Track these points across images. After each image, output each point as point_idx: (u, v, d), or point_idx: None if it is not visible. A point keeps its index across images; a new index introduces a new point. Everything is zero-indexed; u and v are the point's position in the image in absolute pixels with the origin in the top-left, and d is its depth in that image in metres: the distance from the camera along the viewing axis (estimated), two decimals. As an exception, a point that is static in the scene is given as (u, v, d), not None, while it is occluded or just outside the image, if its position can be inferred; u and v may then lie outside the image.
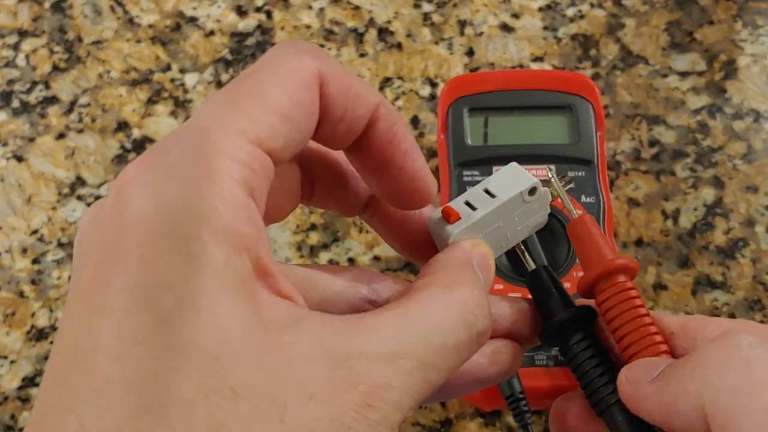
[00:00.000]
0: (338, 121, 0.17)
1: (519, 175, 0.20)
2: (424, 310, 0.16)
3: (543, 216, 0.20)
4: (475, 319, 0.17)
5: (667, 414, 0.17)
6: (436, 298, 0.17)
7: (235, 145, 0.15)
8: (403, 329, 0.16)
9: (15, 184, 0.40)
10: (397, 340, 0.15)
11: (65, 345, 0.14)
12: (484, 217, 0.19)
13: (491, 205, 0.19)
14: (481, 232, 0.19)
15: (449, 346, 0.16)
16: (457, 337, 0.16)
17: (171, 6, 0.46)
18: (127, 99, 0.42)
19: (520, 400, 0.29)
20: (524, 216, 0.20)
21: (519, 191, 0.19)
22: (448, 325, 0.16)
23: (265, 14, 0.45)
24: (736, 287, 0.35)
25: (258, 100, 0.16)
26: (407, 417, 0.33)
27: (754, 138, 0.39)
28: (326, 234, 0.38)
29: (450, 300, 0.17)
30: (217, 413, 0.13)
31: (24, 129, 0.42)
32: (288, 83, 0.16)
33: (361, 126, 0.17)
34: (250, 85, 0.16)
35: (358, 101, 0.17)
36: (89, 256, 0.15)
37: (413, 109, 0.41)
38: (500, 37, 0.43)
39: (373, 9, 0.45)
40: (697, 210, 0.37)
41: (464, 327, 0.17)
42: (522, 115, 0.36)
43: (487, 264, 0.19)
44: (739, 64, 0.42)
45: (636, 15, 0.44)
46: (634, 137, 0.40)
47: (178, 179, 0.15)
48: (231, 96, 0.16)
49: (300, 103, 0.16)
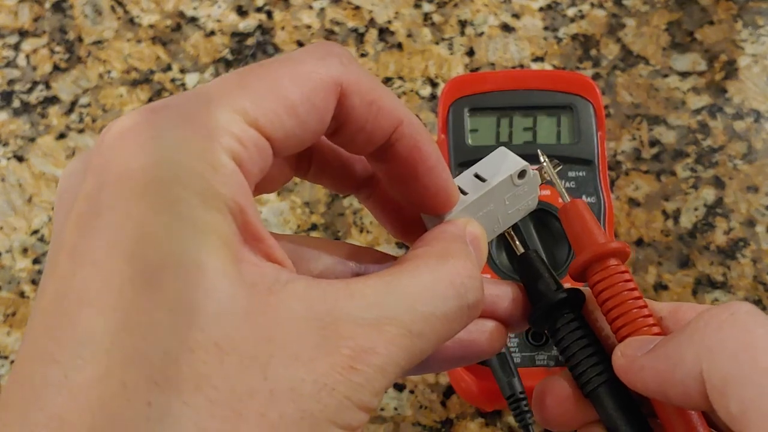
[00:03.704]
0: (358, 130, 0.17)
1: (508, 159, 0.20)
2: (414, 279, 0.16)
3: (533, 200, 0.20)
4: (465, 290, 0.17)
5: (664, 382, 0.17)
6: (426, 268, 0.17)
7: (230, 119, 0.15)
8: (392, 296, 0.16)
9: (16, 184, 0.40)
10: (385, 306, 0.15)
11: (49, 296, 0.14)
12: (475, 201, 0.19)
13: (482, 189, 0.19)
14: (473, 216, 0.19)
15: (438, 315, 0.16)
16: (447, 307, 0.16)
17: (171, 6, 0.46)
18: (128, 99, 0.42)
19: (520, 400, 0.29)
20: (515, 199, 0.20)
21: (509, 174, 0.19)
22: (438, 294, 0.16)
23: (265, 14, 0.45)
24: (736, 287, 0.35)
25: (269, 87, 0.16)
26: (407, 418, 0.33)
27: (755, 138, 0.39)
28: (327, 234, 0.38)
29: (441, 270, 0.17)
30: (201, 367, 0.13)
31: (25, 129, 0.42)
32: (304, 82, 0.16)
33: (381, 138, 0.17)
34: (267, 72, 0.16)
35: (381, 115, 0.17)
36: (72, 207, 0.15)
37: (414, 109, 0.41)
38: (501, 37, 0.43)
39: (373, 9, 0.45)
40: (698, 210, 0.37)
41: (455, 297, 0.17)
42: (522, 115, 0.36)
43: (479, 243, 0.19)
44: (739, 64, 0.42)
45: (636, 15, 0.44)
46: (634, 137, 0.40)
47: (169, 139, 0.15)
48: (245, 77, 0.16)
49: (311, 104, 0.16)
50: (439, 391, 0.33)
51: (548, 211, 0.33)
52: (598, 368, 0.19)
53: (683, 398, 0.17)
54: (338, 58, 0.17)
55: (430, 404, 0.33)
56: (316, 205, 0.38)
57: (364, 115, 0.17)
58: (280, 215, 0.38)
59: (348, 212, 0.38)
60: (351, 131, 0.17)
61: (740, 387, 0.16)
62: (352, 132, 0.17)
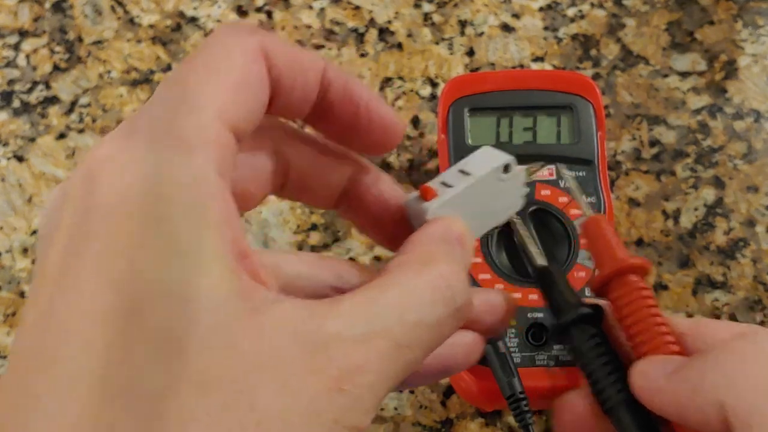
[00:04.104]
0: (290, 89, 0.17)
1: (493, 155, 0.20)
2: (399, 289, 0.16)
3: (520, 198, 0.20)
4: (452, 293, 0.16)
5: (683, 407, 0.17)
6: (410, 276, 0.16)
7: (202, 125, 0.15)
8: (378, 309, 0.15)
9: (16, 184, 0.40)
10: (372, 321, 0.15)
11: (32, 327, 0.14)
12: (460, 194, 0.19)
13: (467, 182, 0.19)
14: (459, 211, 0.19)
15: (427, 323, 0.16)
16: (435, 314, 0.16)
17: (172, 6, 0.46)
18: (128, 99, 0.42)
19: (520, 400, 0.29)
20: (501, 196, 0.20)
21: (493, 167, 0.19)
22: (425, 302, 0.16)
23: (265, 14, 0.45)
24: (736, 287, 0.35)
25: (212, 78, 0.15)
26: (407, 418, 0.33)
27: (755, 138, 0.39)
28: (327, 234, 0.38)
29: (425, 276, 0.16)
30: (187, 403, 0.13)
31: (24, 129, 0.42)
32: (235, 58, 0.16)
33: (313, 90, 0.17)
34: (201, 65, 0.16)
35: (305, 66, 0.17)
36: (57, 235, 0.15)
37: (414, 109, 0.41)
38: (501, 37, 0.43)
39: (373, 9, 0.45)
40: (698, 210, 0.37)
41: (442, 302, 0.16)
42: (522, 115, 0.36)
43: (464, 241, 0.18)
44: (739, 64, 0.42)
45: (636, 15, 0.44)
46: (634, 137, 0.40)
47: (151, 159, 0.14)
48: (187, 77, 0.16)
49: (250, 74, 0.16)
50: (439, 391, 0.33)
51: (548, 211, 0.33)
52: (617, 385, 0.19)
53: (702, 424, 0.17)
54: (247, 30, 0.17)
55: (430, 404, 0.33)
56: (316, 205, 0.38)
57: (290, 71, 0.17)
58: (280, 215, 0.38)
59: (348, 212, 0.38)
60: (285, 91, 0.17)
61: (766, 419, 0.16)
62: (286, 92, 0.17)
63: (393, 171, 0.39)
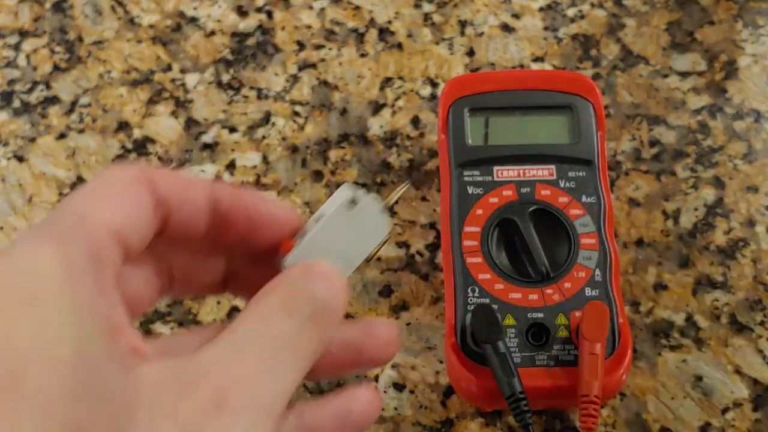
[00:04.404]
0: (178, 207, 0.19)
1: (343, 192, 0.21)
2: (251, 315, 0.17)
3: (384, 225, 0.21)
4: (294, 305, 0.18)
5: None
6: (258, 306, 0.18)
7: (78, 226, 0.17)
8: (236, 335, 0.17)
9: (16, 184, 0.40)
10: (232, 345, 0.17)
11: None
12: (313, 239, 0.20)
13: (317, 226, 0.20)
14: (319, 255, 0.20)
15: (285, 339, 0.17)
16: (288, 329, 0.17)
17: (172, 6, 0.46)
18: (128, 99, 0.42)
19: (520, 400, 0.29)
20: (358, 228, 0.21)
21: (337, 206, 0.20)
22: (275, 322, 0.17)
23: (265, 14, 0.45)
24: (736, 287, 0.35)
25: (95, 197, 0.17)
26: (407, 418, 0.33)
27: (755, 138, 0.39)
28: (327, 234, 0.38)
29: (267, 302, 0.18)
30: None
31: (25, 129, 0.42)
32: (116, 183, 0.18)
33: (202, 206, 0.19)
34: (88, 191, 0.18)
35: (190, 185, 0.19)
36: None
37: (414, 109, 0.41)
38: (501, 37, 0.43)
39: (373, 9, 0.45)
40: (698, 210, 0.37)
41: (287, 316, 0.18)
42: (522, 115, 0.36)
43: (326, 275, 0.19)
44: (739, 64, 0.42)
45: (636, 15, 0.44)
46: (634, 137, 0.40)
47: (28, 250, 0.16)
48: (72, 198, 0.18)
49: (136, 198, 0.18)
50: (439, 391, 0.33)
51: (548, 210, 0.33)
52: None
53: None
54: (130, 164, 0.19)
55: (430, 404, 0.33)
56: (316, 205, 0.38)
57: (177, 192, 0.18)
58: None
59: (348, 212, 0.38)
60: (176, 211, 0.19)
61: None
62: (177, 210, 0.19)
63: (393, 171, 0.39)
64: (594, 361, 0.29)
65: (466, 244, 0.33)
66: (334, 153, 0.40)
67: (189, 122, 0.41)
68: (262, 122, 0.41)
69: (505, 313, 0.31)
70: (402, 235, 0.37)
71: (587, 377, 0.29)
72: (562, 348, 0.31)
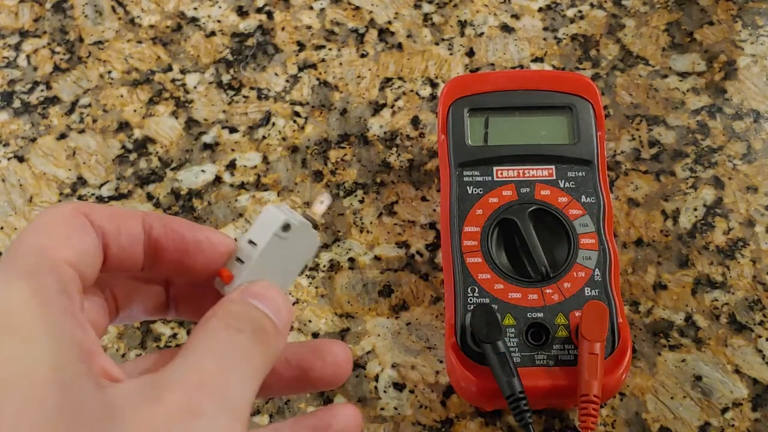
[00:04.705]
0: (116, 236, 0.20)
1: (272, 216, 0.21)
2: (201, 336, 0.18)
3: (315, 238, 0.22)
4: (238, 323, 0.19)
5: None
6: (204, 327, 0.19)
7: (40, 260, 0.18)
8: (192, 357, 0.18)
9: (16, 184, 0.40)
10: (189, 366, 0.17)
11: None
12: (253, 267, 0.21)
13: (254, 255, 0.21)
14: (260, 276, 0.21)
15: (236, 353, 0.18)
16: (236, 344, 0.18)
17: (172, 7, 0.46)
18: (128, 99, 0.42)
19: (520, 400, 0.29)
20: (294, 247, 0.21)
21: (272, 233, 0.21)
22: (223, 339, 0.18)
23: (266, 15, 0.45)
24: (736, 287, 0.35)
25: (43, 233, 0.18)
26: (407, 418, 0.33)
27: (754, 138, 0.39)
28: (327, 234, 0.38)
29: (213, 324, 0.19)
30: None
31: (25, 129, 0.42)
32: (63, 221, 0.19)
33: (138, 234, 0.20)
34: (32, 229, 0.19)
35: (124, 215, 0.20)
36: None
37: (414, 109, 0.41)
38: (500, 37, 0.43)
39: (373, 9, 0.45)
40: (697, 210, 0.38)
41: (233, 333, 0.19)
42: (522, 115, 0.36)
43: (267, 294, 0.20)
44: (739, 65, 0.42)
45: (636, 15, 0.44)
46: (634, 137, 0.40)
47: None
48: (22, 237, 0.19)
49: (83, 232, 0.19)
50: (439, 391, 0.33)
51: (548, 210, 0.33)
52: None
53: None
54: (66, 202, 0.20)
55: (430, 404, 0.33)
56: (317, 205, 0.38)
57: (113, 222, 0.19)
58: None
59: (348, 212, 0.38)
60: (114, 241, 0.20)
61: None
62: (115, 240, 0.20)
63: (393, 171, 0.39)
64: (593, 360, 0.29)
65: (466, 244, 0.33)
66: (334, 153, 0.40)
67: (189, 122, 0.41)
68: (262, 122, 0.41)
69: (505, 313, 0.31)
70: (402, 235, 0.37)
71: (587, 377, 0.29)
72: (562, 348, 0.31)
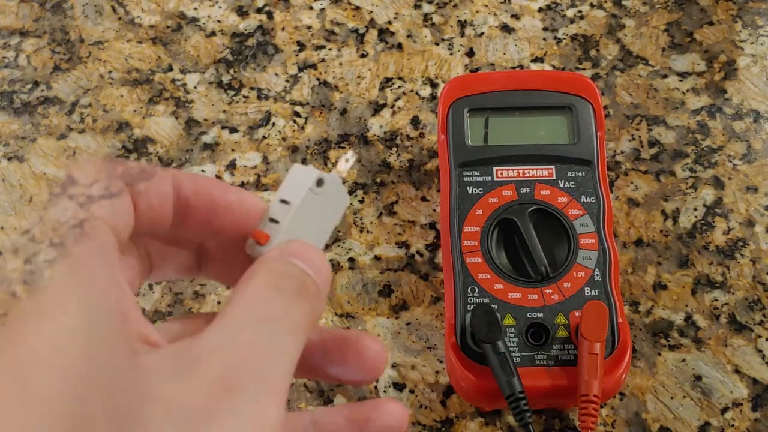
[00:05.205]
0: (144, 194, 0.19)
1: (304, 173, 0.21)
2: (241, 299, 0.18)
3: (345, 195, 0.22)
4: (280, 282, 0.18)
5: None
6: (245, 288, 0.18)
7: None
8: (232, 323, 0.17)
9: (16, 184, 0.40)
10: (227, 333, 0.17)
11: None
12: (288, 227, 0.20)
13: (290, 213, 0.21)
14: (295, 235, 0.21)
15: (278, 315, 0.17)
16: (280, 306, 0.18)
17: (172, 7, 0.46)
18: (128, 99, 0.42)
19: (520, 400, 0.29)
20: (326, 204, 0.21)
21: (307, 188, 0.21)
22: (266, 300, 0.18)
23: (266, 15, 0.45)
24: (735, 287, 0.35)
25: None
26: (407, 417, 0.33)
27: (754, 138, 0.39)
28: (327, 234, 0.38)
29: (254, 285, 0.18)
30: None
31: (25, 129, 0.42)
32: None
33: (167, 196, 0.20)
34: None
35: (156, 174, 0.19)
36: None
37: (413, 109, 0.41)
38: (500, 37, 0.43)
39: (373, 10, 0.45)
40: (697, 210, 0.38)
41: (276, 294, 0.18)
42: (522, 115, 0.36)
43: (305, 254, 0.19)
44: (738, 65, 0.42)
45: (636, 15, 0.44)
46: (633, 137, 0.40)
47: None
48: None
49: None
50: (439, 391, 0.33)
51: (548, 210, 0.33)
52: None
53: None
54: (96, 159, 0.20)
55: (430, 404, 0.33)
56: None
57: (144, 185, 0.19)
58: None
59: (348, 212, 0.38)
60: (144, 203, 0.19)
61: None
62: (144, 205, 0.19)
63: (393, 171, 0.39)
64: (593, 360, 0.29)
65: (466, 244, 0.33)
66: (334, 153, 0.40)
67: (189, 122, 0.41)
68: (262, 122, 0.41)
69: (505, 313, 0.31)
70: (402, 235, 0.37)
71: (587, 377, 0.29)
72: (562, 348, 0.31)
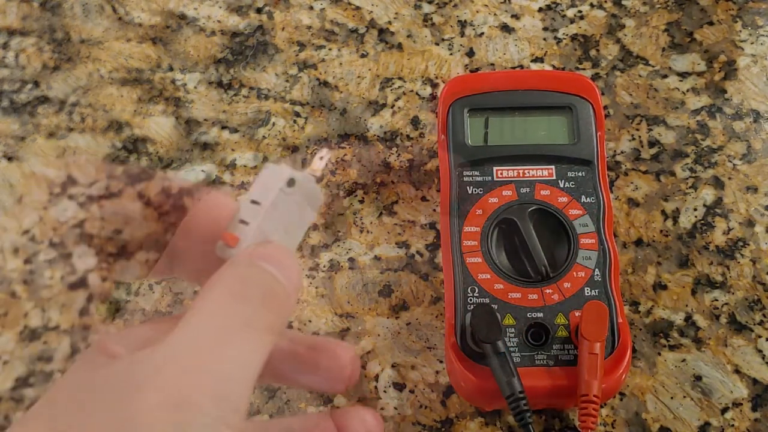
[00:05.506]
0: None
1: (275, 173, 0.20)
2: (204, 305, 0.17)
3: (319, 193, 0.21)
4: (245, 289, 0.18)
5: None
6: (209, 294, 0.18)
7: None
8: (191, 332, 0.17)
9: (6, 184, 0.40)
10: (184, 344, 0.17)
11: None
12: (258, 228, 0.20)
13: (259, 214, 0.20)
14: (265, 237, 0.20)
15: (240, 325, 0.17)
16: (242, 315, 0.17)
17: (172, 6, 0.45)
18: (120, 98, 0.42)
19: (520, 400, 0.29)
20: (299, 203, 0.21)
21: (278, 188, 0.20)
22: (228, 309, 0.17)
23: (266, 15, 0.45)
24: (735, 287, 0.35)
25: None
26: (407, 417, 0.32)
27: (754, 138, 0.39)
28: (327, 234, 0.37)
29: (218, 291, 0.18)
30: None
31: (15, 129, 0.41)
32: None
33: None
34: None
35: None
36: None
37: (413, 109, 0.41)
38: (500, 37, 0.43)
39: (373, 10, 0.45)
40: (697, 210, 0.37)
41: (239, 302, 0.17)
42: (522, 115, 0.36)
43: (274, 256, 0.19)
44: (738, 65, 0.42)
45: (636, 15, 0.44)
46: (634, 137, 0.40)
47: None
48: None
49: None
50: (439, 391, 0.33)
51: (548, 210, 0.33)
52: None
53: None
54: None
55: (430, 404, 0.33)
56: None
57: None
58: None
59: (348, 212, 0.38)
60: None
61: None
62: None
63: (393, 171, 0.39)
64: (593, 360, 0.29)
65: (466, 244, 0.33)
66: (334, 153, 0.40)
67: (189, 122, 0.41)
68: (262, 122, 0.41)
69: (505, 313, 0.31)
70: (402, 235, 0.37)
71: (587, 377, 0.29)
72: (562, 348, 0.31)
